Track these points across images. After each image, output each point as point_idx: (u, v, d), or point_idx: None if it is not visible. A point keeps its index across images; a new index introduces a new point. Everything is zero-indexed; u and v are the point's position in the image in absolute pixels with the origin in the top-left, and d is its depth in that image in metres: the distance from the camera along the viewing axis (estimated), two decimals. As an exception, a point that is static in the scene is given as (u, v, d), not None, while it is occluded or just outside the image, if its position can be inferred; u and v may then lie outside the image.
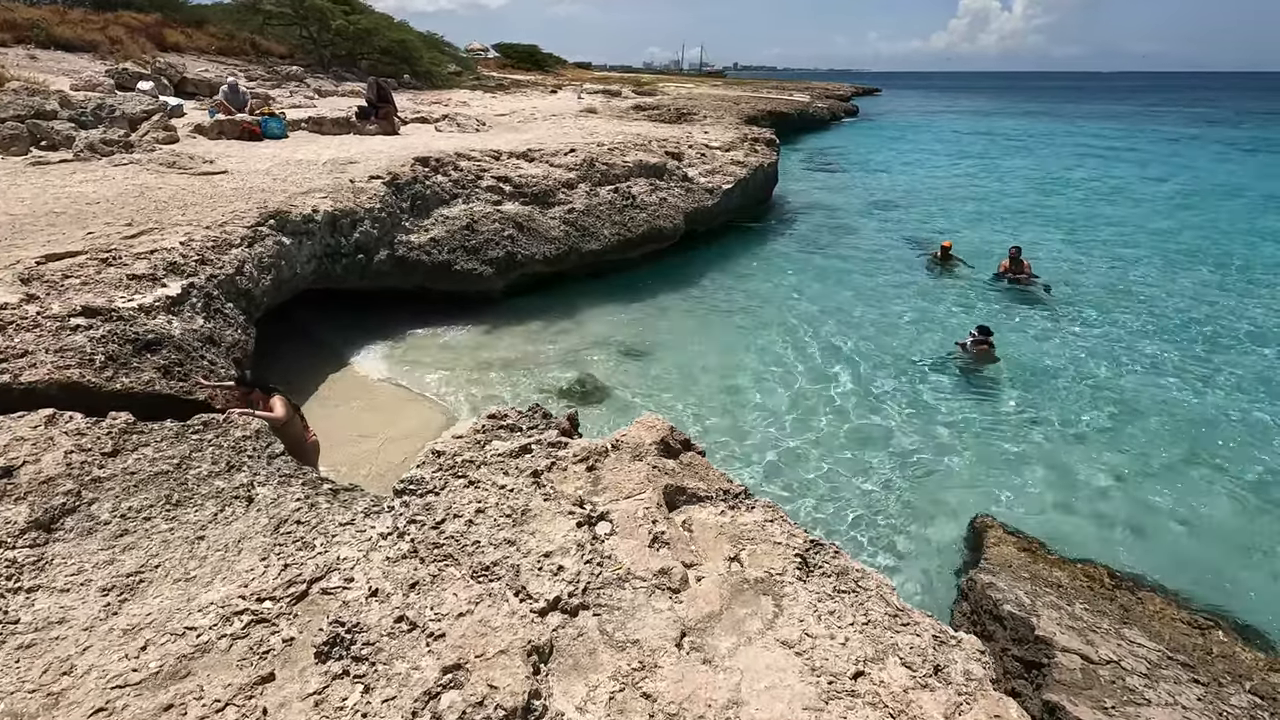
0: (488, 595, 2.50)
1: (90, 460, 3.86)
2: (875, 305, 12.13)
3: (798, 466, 7.25)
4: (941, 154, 34.24)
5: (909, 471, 7.19)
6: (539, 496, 3.07)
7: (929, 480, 7.03)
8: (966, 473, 7.15)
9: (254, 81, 21.82)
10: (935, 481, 7.01)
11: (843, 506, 6.58)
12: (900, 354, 10.10)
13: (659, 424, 3.62)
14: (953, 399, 8.74)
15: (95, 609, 3.06)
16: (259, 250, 7.84)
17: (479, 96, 28.24)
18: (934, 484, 6.97)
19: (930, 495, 6.77)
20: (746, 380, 9.14)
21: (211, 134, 13.31)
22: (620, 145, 14.81)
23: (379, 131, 15.18)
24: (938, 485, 6.95)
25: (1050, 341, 10.57)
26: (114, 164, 10.44)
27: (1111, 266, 14.54)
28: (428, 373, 8.92)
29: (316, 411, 7.80)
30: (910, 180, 25.71)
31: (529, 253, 11.30)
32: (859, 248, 16.01)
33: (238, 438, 4.57)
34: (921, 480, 7.03)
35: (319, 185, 9.76)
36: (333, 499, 4.29)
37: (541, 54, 59.17)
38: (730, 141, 18.04)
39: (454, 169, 11.51)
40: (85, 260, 6.48)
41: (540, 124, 19.26)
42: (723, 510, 3.13)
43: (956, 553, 5.91)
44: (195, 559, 3.49)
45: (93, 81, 15.32)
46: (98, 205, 8.37)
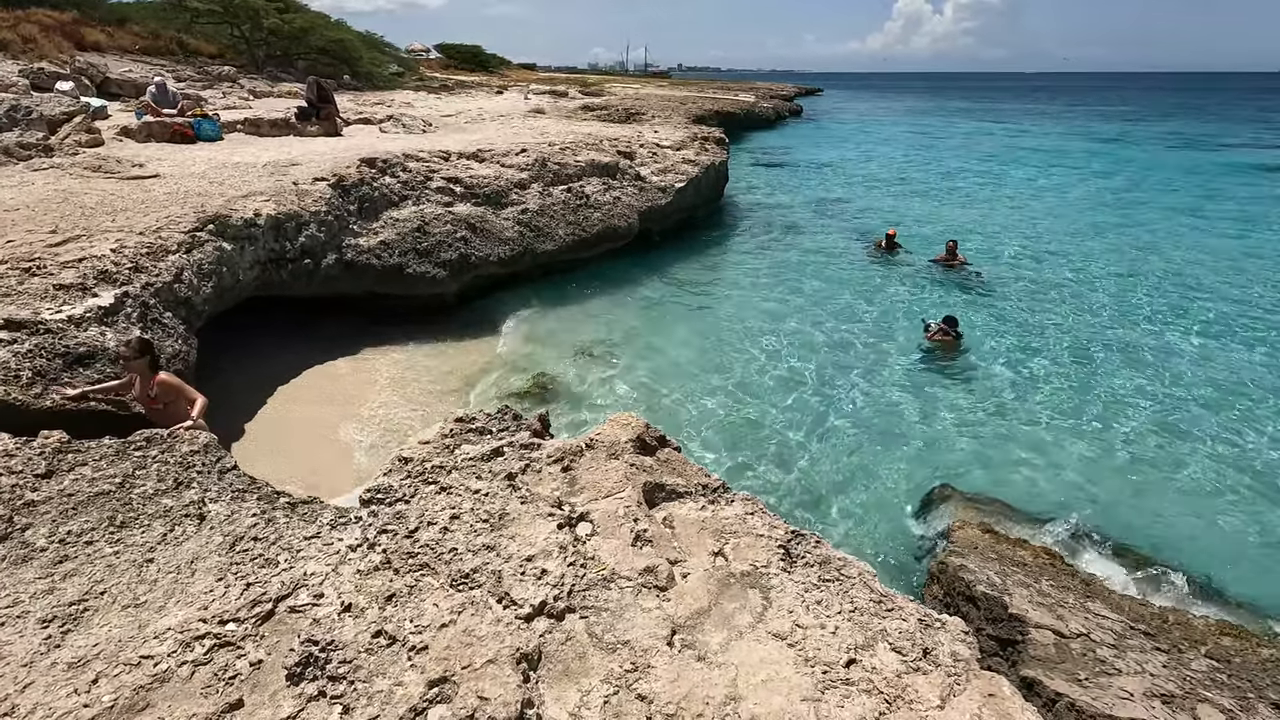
0: (470, 604, 2.40)
1: (21, 483, 3.57)
2: (829, 294, 12.37)
3: (762, 454, 7.31)
4: (882, 150, 35.29)
5: (868, 452, 7.34)
6: (515, 500, 2.98)
7: (888, 459, 7.19)
8: (924, 450, 7.34)
9: (183, 82, 20.82)
10: (895, 461, 7.17)
11: (806, 490, 6.66)
12: (857, 339, 10.31)
13: (633, 421, 3.56)
14: (908, 377, 8.99)
15: (35, 643, 2.82)
16: (198, 256, 7.46)
17: (423, 97, 27.64)
18: (893, 463, 7.12)
19: (890, 475, 6.92)
20: (706, 374, 9.18)
21: (139, 136, 12.62)
22: (572, 145, 14.70)
23: (321, 133, 14.67)
24: (897, 464, 7.10)
25: (994, 322, 11.01)
26: (32, 168, 9.79)
27: (1040, 251, 15.22)
28: (378, 381, 8.64)
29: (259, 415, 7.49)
30: (854, 176, 26.37)
31: (483, 254, 11.09)
32: (810, 241, 16.32)
33: (185, 453, 4.31)
34: (881, 459, 7.18)
35: (260, 188, 9.36)
36: (291, 513, 4.09)
37: (485, 54, 58.33)
38: (681, 140, 18.12)
39: (402, 170, 11.20)
40: (5, 270, 6.04)
41: (489, 125, 18.96)
42: (703, 505, 3.09)
43: (918, 532, 6.05)
44: (145, 583, 3.26)
45: (5, 82, 14.34)
46: (16, 212, 7.82)
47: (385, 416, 7.83)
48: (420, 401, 8.20)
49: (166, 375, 4.98)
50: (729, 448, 7.45)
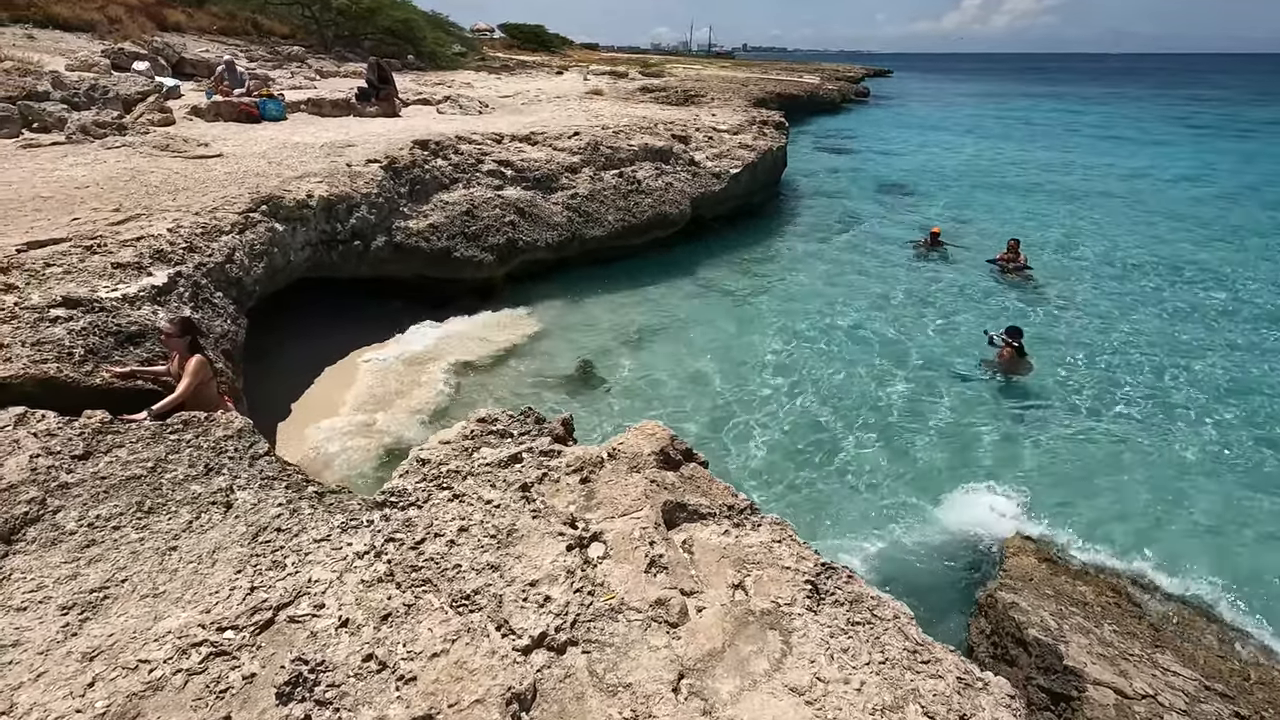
0: (466, 630, 2.27)
1: (58, 465, 3.65)
2: (885, 293, 11.82)
3: (797, 457, 7.02)
4: (953, 137, 33.59)
5: (915, 465, 6.94)
6: (527, 514, 2.84)
7: (937, 474, 6.78)
8: (977, 468, 6.89)
9: (255, 62, 21.45)
10: (945, 476, 6.76)
11: (847, 498, 6.35)
12: (910, 342, 9.81)
13: (659, 432, 3.37)
14: (962, 386, 8.48)
15: (53, 630, 2.85)
16: (250, 237, 7.59)
17: (483, 78, 27.77)
18: (943, 478, 6.71)
19: (939, 490, 6.53)
20: (750, 370, 8.89)
21: (208, 116, 13.01)
22: (625, 128, 14.45)
23: (379, 113, 14.85)
24: (947, 480, 6.69)
25: (1058, 329, 10.29)
26: (106, 147, 10.19)
27: (1116, 256, 14.15)
28: (424, 361, 8.69)
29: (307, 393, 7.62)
30: (921, 164, 25.19)
31: (530, 239, 11.02)
32: (869, 234, 15.66)
33: (218, 438, 4.35)
34: (929, 473, 6.78)
35: (315, 169, 9.49)
36: (318, 503, 4.07)
37: (548, 34, 58.29)
38: (739, 124, 17.61)
39: (454, 152, 11.20)
40: (69, 248, 6.25)
41: (545, 106, 18.86)
42: (726, 529, 2.89)
43: (968, 554, 5.68)
44: (165, 572, 3.28)
45: (89, 62, 15.02)
46: (86, 190, 8.13)
47: (419, 396, 7.85)
48: (455, 384, 8.21)
49: (197, 361, 5.01)
50: (763, 448, 7.18)
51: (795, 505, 6.21)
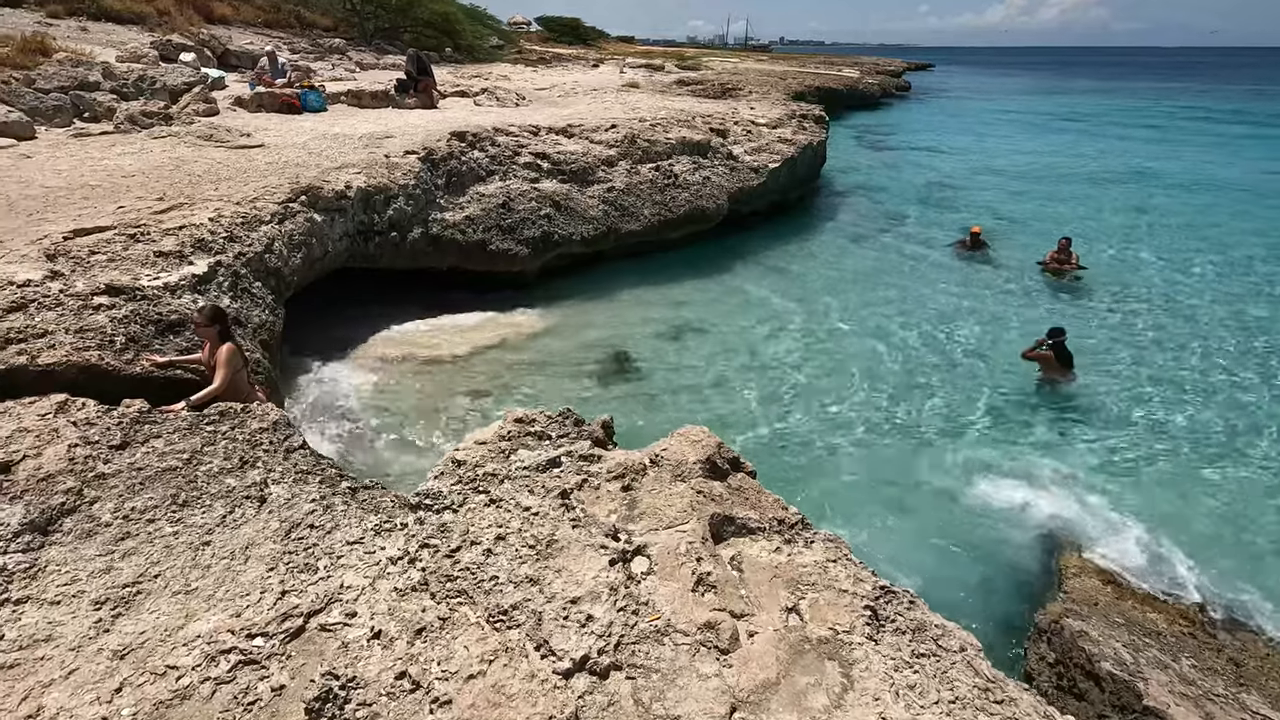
0: (504, 650, 2.15)
1: (95, 455, 3.62)
2: (926, 295, 11.43)
3: (837, 459, 6.78)
4: (997, 133, 32.58)
5: (956, 472, 6.65)
6: (567, 523, 2.70)
7: (976, 481, 6.48)
8: (1025, 478, 6.57)
9: (297, 54, 21.72)
10: (985, 483, 6.45)
11: (880, 504, 6.10)
12: (954, 346, 9.46)
13: (704, 438, 3.20)
14: (1008, 394, 8.12)
15: (85, 625, 2.81)
16: (290, 227, 7.60)
17: (520, 70, 27.76)
18: (983, 486, 6.41)
19: (979, 498, 6.23)
20: (787, 370, 8.65)
21: (251, 107, 13.16)
22: (663, 121, 14.24)
23: (417, 105, 14.88)
24: (988, 488, 6.39)
25: (1113, 334, 9.83)
26: (152, 136, 10.34)
27: (1179, 258, 13.49)
28: (456, 352, 8.63)
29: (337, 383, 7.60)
30: (963, 161, 24.47)
31: (566, 233, 10.90)
32: (909, 232, 15.22)
33: (254, 430, 4.31)
34: (969, 481, 6.49)
35: (353, 160, 9.49)
36: (351, 499, 4.00)
37: (584, 27, 58.13)
38: (777, 118, 17.26)
39: (491, 144, 11.13)
40: (113, 236, 6.30)
41: (581, 98, 18.73)
42: (777, 546, 2.71)
43: (1014, 568, 5.40)
44: (198, 568, 3.23)
45: (138, 53, 15.32)
46: (132, 178, 8.24)
47: (452, 384, 7.80)
48: (492, 374, 8.13)
49: (227, 350, 4.98)
50: (797, 450, 6.95)
51: (828, 509, 5.99)
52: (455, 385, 7.92)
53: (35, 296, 5.19)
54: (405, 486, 6.03)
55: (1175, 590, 4.67)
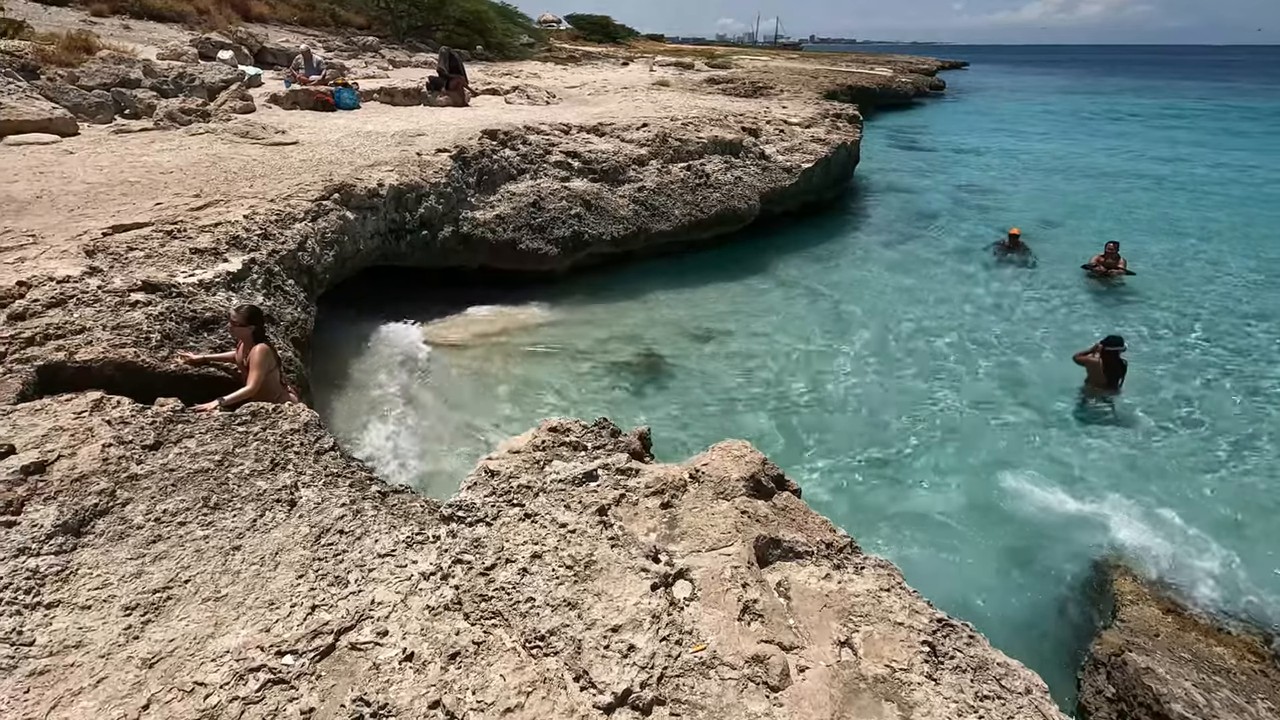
0: (542, 680, 2.04)
1: (129, 455, 3.60)
2: (962, 298, 11.13)
3: (869, 470, 6.58)
4: (1035, 133, 31.75)
5: (998, 485, 6.41)
6: (605, 542, 2.58)
7: (1018, 494, 6.23)
8: (1071, 493, 6.30)
9: (332, 52, 21.95)
10: (1028, 497, 6.20)
11: (923, 522, 5.88)
12: (991, 352, 9.17)
13: (747, 453, 3.06)
14: (1049, 400, 7.83)
15: (115, 632, 2.77)
16: (322, 225, 7.61)
17: (550, 68, 27.77)
18: (1026, 499, 6.16)
19: (1020, 512, 5.99)
20: (818, 375, 8.45)
21: (286, 104, 13.30)
22: (695, 120, 14.07)
23: (449, 103, 14.91)
24: (1030, 502, 6.14)
25: (1158, 343, 9.45)
26: (190, 133, 10.48)
27: (1225, 264, 12.95)
28: (486, 349, 8.58)
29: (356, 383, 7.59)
30: (1000, 161, 23.88)
31: (596, 233, 10.81)
32: (944, 235, 14.85)
33: (285, 431, 4.27)
34: (1011, 494, 6.24)
35: (386, 158, 9.50)
36: (380, 504, 3.94)
37: (613, 25, 58.09)
38: (811, 117, 16.98)
39: (522, 143, 11.08)
40: (151, 232, 6.35)
41: (612, 97, 18.64)
42: (827, 572, 2.57)
43: (1059, 589, 5.17)
44: (228, 573, 3.18)
45: (178, 50, 15.59)
46: (170, 175, 8.33)
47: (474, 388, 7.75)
48: (519, 372, 8.06)
49: (260, 351, 4.96)
50: (830, 459, 6.76)
51: (863, 525, 5.80)
52: (477, 388, 7.87)
53: (74, 292, 5.23)
54: (437, 488, 5.99)
55: (1240, 621, 4.41)
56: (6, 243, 5.77)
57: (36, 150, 9.01)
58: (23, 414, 3.88)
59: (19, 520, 3.04)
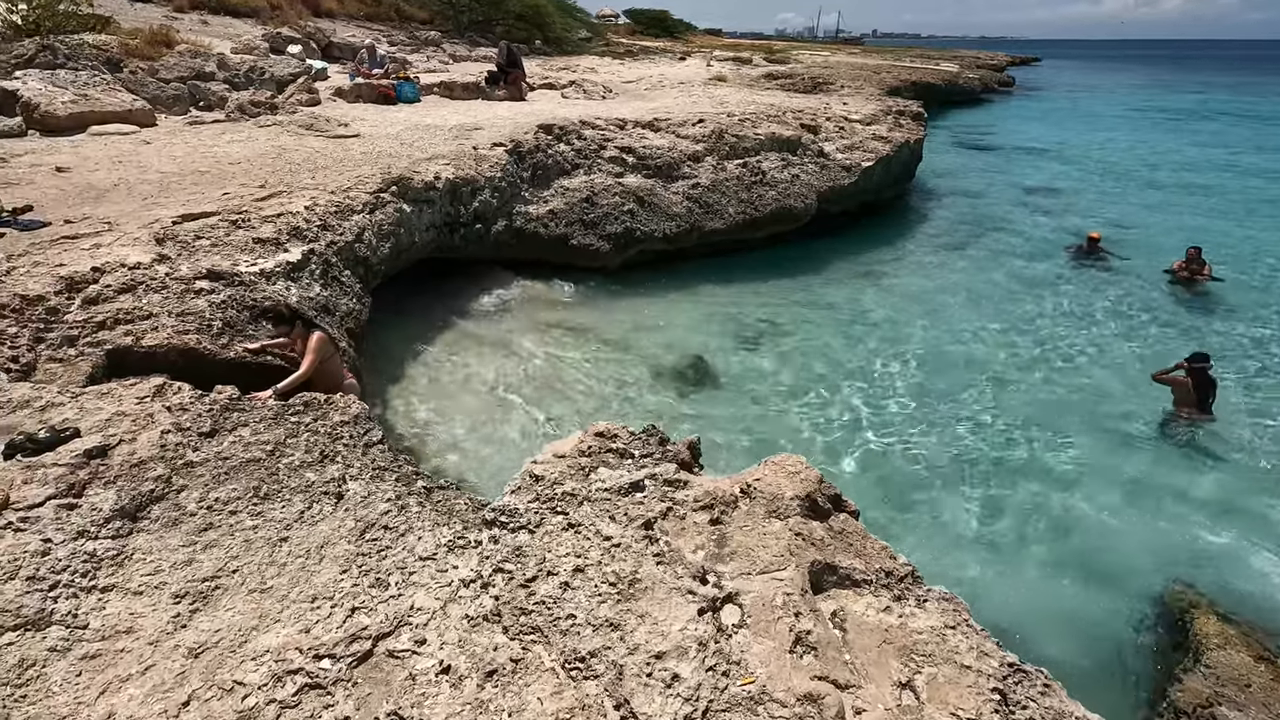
0: (581, 707, 1.95)
1: (186, 442, 3.67)
2: (1032, 308, 10.56)
3: (932, 490, 6.27)
4: (1112, 133, 30.07)
5: (1071, 510, 6.03)
6: (651, 559, 2.47)
7: (1092, 533, 5.85)
8: (1149, 533, 5.87)
9: (395, 46, 22.44)
10: (1103, 538, 5.81)
11: (986, 547, 5.57)
12: (1063, 365, 8.67)
13: (802, 469, 2.90)
14: (1129, 431, 7.33)
15: (164, 619, 2.80)
16: (380, 217, 7.71)
17: (607, 63, 27.76)
18: (1100, 540, 5.77)
19: (1104, 549, 5.61)
20: (876, 387, 8.12)
21: (350, 97, 13.61)
22: (752, 116, 13.79)
23: (506, 97, 15.02)
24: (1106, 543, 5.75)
25: (1247, 357, 8.78)
26: (259, 125, 10.80)
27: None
28: (533, 343, 8.57)
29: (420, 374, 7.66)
30: (1074, 163, 22.70)
31: (648, 229, 10.70)
32: (1013, 240, 14.17)
33: (335, 423, 4.30)
34: (1089, 524, 5.86)
35: (443, 152, 9.59)
36: (425, 500, 3.93)
37: (671, 20, 57.73)
38: (872, 114, 16.45)
39: (577, 138, 11.05)
40: (217, 221, 6.53)
41: (668, 92, 18.48)
42: (886, 605, 2.40)
43: (1143, 630, 4.82)
44: (275, 565, 3.20)
45: (250, 45, 16.15)
46: (237, 165, 8.58)
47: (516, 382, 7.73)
48: (565, 368, 8.02)
49: (318, 338, 5.01)
50: (888, 476, 6.47)
51: (921, 549, 5.53)
52: (520, 383, 7.84)
53: (144, 279, 5.40)
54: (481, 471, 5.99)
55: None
56: (84, 229, 6.01)
57: (117, 140, 9.42)
58: (90, 397, 4.01)
59: (80, 503, 3.11)
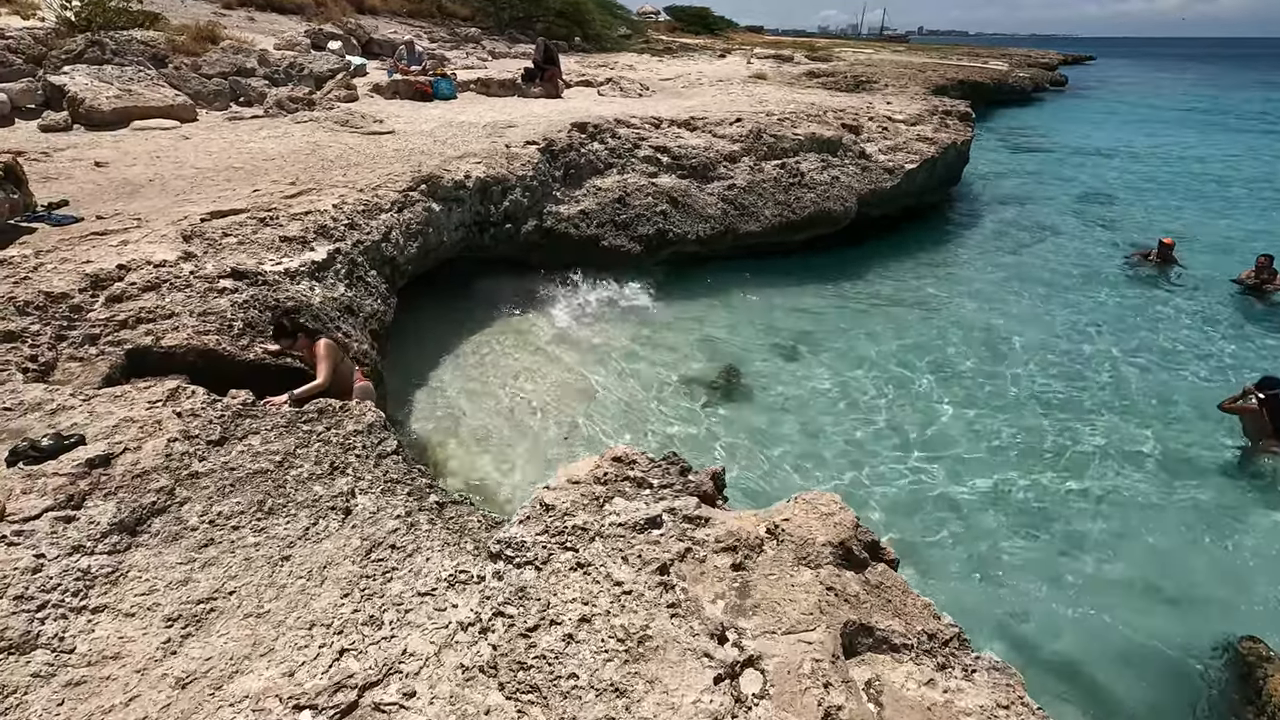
0: (578, 792, 1.73)
1: (192, 451, 3.56)
2: (1087, 322, 9.99)
3: (976, 533, 5.85)
4: (1169, 135, 28.66)
5: (1132, 549, 5.60)
6: (664, 611, 2.24)
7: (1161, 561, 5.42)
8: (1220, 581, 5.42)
9: (435, 43, 22.54)
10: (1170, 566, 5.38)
11: (1034, 608, 5.16)
12: (1124, 388, 8.15)
13: (837, 511, 2.63)
14: (1203, 464, 6.82)
15: (154, 644, 2.67)
16: (408, 216, 7.61)
17: (645, 60, 27.49)
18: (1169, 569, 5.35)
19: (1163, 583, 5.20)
20: (919, 404, 7.72)
21: (387, 93, 13.63)
22: (791, 115, 13.40)
23: (542, 94, 14.90)
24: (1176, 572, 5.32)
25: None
26: (296, 121, 10.85)
27: None
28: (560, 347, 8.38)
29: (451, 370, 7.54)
30: (1131, 167, 21.66)
31: (681, 232, 10.44)
32: (1066, 248, 13.49)
33: (348, 433, 4.17)
34: (1148, 561, 5.44)
35: (475, 149, 9.47)
36: (436, 517, 3.77)
37: (713, 17, 57.13)
38: (917, 114, 15.88)
39: (611, 136, 10.83)
40: (245, 219, 6.49)
41: (706, 90, 18.15)
42: (930, 676, 2.12)
43: (1208, 687, 4.42)
44: (274, 586, 3.06)
45: (293, 41, 16.33)
46: (271, 161, 8.59)
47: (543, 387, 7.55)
48: (591, 371, 7.81)
49: (325, 344, 4.92)
50: (933, 524, 6.03)
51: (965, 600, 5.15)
52: (544, 387, 7.66)
53: (168, 277, 5.36)
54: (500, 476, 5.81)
55: None
56: (114, 225, 6.02)
57: (157, 135, 9.53)
58: (103, 400, 3.94)
59: (78, 515, 3.01)
